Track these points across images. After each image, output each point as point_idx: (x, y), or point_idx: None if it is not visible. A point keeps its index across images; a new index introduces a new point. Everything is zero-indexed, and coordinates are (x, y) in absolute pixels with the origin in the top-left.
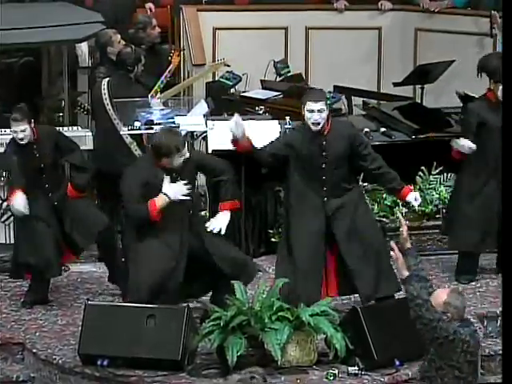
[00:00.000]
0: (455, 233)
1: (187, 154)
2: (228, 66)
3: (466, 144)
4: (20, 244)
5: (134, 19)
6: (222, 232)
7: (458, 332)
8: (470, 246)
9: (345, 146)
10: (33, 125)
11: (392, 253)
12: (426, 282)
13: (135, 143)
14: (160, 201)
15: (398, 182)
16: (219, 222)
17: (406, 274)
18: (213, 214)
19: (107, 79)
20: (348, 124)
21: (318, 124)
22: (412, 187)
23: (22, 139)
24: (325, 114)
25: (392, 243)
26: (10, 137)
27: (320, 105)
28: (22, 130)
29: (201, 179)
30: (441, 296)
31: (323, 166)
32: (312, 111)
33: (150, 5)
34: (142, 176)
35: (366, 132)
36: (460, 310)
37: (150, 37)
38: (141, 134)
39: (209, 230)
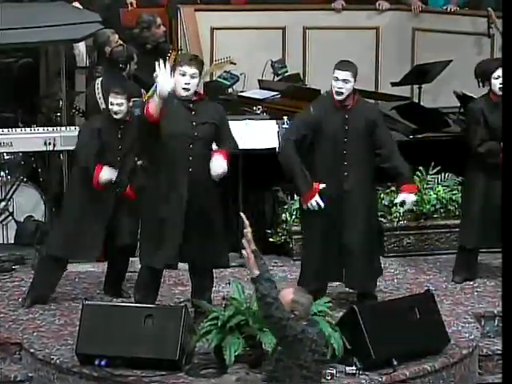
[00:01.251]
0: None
1: (187, 79)
2: (234, 63)
3: None
4: None
5: (138, 19)
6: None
7: (306, 331)
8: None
9: (366, 124)
10: (131, 103)
11: (243, 252)
12: (272, 283)
13: None
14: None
15: (403, 176)
16: (219, 165)
17: (257, 272)
18: None
19: (100, 79)
20: (373, 106)
21: (341, 94)
22: (413, 188)
23: (116, 113)
24: (349, 86)
25: (244, 241)
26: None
27: (345, 74)
28: (118, 104)
29: None
30: (288, 295)
31: (345, 139)
32: (337, 79)
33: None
34: None
35: None
36: (306, 307)
37: (154, 36)
38: None
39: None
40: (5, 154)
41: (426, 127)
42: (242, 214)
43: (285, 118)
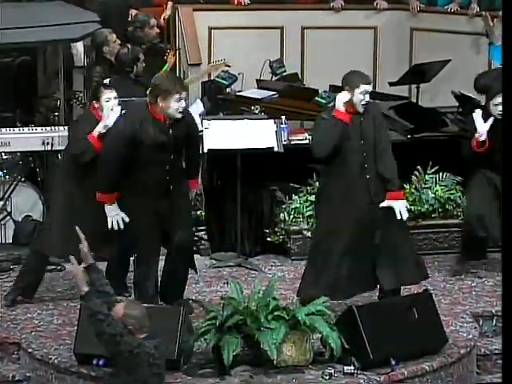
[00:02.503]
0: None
1: (183, 103)
2: (228, 66)
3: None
4: None
5: (133, 18)
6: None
7: (142, 345)
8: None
9: (374, 123)
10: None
11: (71, 267)
12: (109, 296)
13: None
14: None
15: (391, 183)
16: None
17: (86, 289)
18: (208, 213)
19: (108, 80)
20: (375, 104)
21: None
22: (399, 195)
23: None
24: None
25: (71, 258)
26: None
27: (370, 86)
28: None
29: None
30: (119, 309)
31: (362, 142)
32: (366, 92)
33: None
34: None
35: None
36: (140, 319)
37: (147, 36)
38: None
39: None
40: (3, 154)
41: (423, 127)
42: (77, 228)
43: (283, 117)
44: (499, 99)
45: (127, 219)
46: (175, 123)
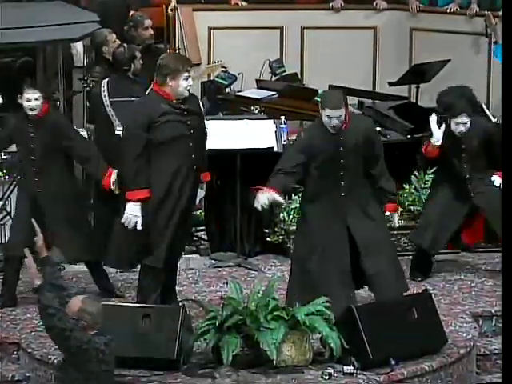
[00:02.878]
0: None
1: (191, 81)
2: (225, 67)
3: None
4: None
5: (130, 17)
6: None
7: (92, 341)
8: None
9: (361, 141)
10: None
11: (26, 261)
12: (62, 290)
13: None
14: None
15: (385, 196)
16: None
17: (39, 282)
18: (208, 213)
19: (107, 79)
20: (367, 120)
21: (336, 128)
22: (395, 207)
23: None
24: (343, 118)
25: (25, 250)
26: None
27: (339, 112)
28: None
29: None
30: (76, 303)
31: (341, 161)
32: (330, 117)
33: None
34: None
35: (379, 131)
36: (95, 316)
37: (140, 37)
38: None
39: None
40: (3, 154)
41: (423, 127)
42: (33, 221)
43: (282, 117)
44: (461, 119)
45: (139, 227)
46: (184, 102)
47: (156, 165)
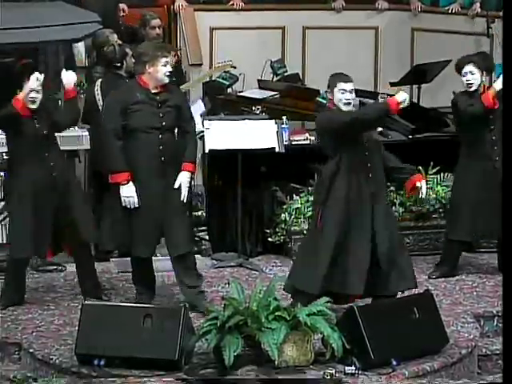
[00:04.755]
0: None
1: (169, 67)
2: (234, 67)
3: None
4: None
5: (141, 16)
6: (183, 187)
7: None
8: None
9: None
10: None
11: None
12: None
13: None
14: None
15: (406, 172)
16: (179, 180)
17: None
18: (209, 213)
19: (100, 80)
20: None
21: (350, 104)
22: (419, 174)
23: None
24: (354, 93)
25: None
26: None
27: (351, 85)
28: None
29: (197, 179)
30: None
31: (365, 142)
32: (344, 91)
33: (123, 5)
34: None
35: (381, 131)
36: None
37: (147, 36)
38: None
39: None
40: (3, 154)
41: (425, 127)
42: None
43: (284, 117)
44: (466, 69)
45: (137, 205)
46: (162, 94)
47: (127, 151)
